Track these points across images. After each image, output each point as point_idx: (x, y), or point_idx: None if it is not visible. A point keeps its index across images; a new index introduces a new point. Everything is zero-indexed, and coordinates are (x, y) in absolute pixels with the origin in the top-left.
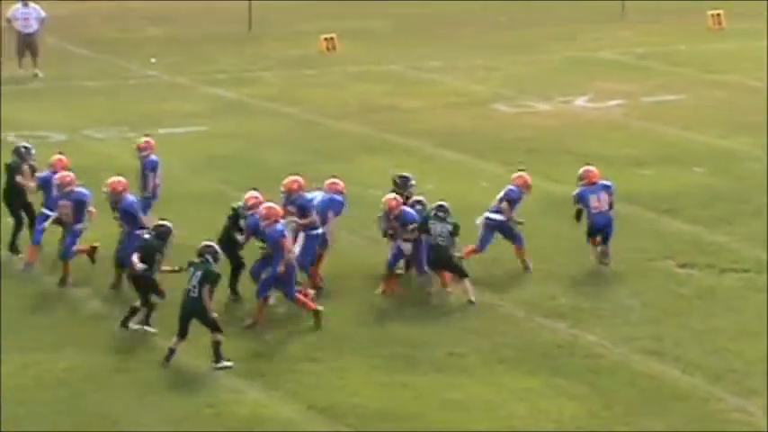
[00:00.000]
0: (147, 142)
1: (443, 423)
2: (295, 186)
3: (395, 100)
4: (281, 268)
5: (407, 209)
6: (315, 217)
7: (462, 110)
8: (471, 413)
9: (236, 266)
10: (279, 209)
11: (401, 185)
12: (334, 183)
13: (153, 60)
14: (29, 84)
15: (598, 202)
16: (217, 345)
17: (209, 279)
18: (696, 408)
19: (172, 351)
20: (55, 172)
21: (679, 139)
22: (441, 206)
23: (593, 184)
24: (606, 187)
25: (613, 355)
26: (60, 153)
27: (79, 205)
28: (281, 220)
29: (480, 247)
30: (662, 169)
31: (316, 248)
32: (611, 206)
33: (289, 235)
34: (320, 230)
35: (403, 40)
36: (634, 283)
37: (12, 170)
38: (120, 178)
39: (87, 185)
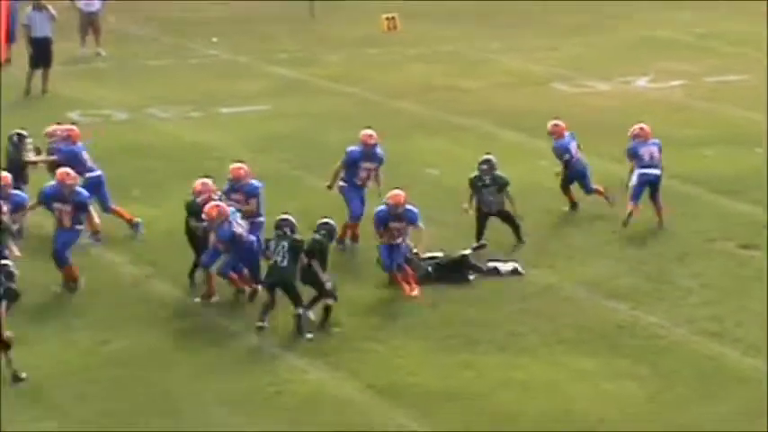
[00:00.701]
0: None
1: (504, 403)
2: (241, 173)
3: (454, 80)
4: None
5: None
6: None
7: (521, 90)
8: (532, 393)
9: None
10: (225, 207)
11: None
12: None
13: (214, 40)
14: (91, 63)
15: (650, 156)
16: (327, 310)
17: (297, 248)
18: (757, 390)
19: (264, 318)
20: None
21: (741, 120)
22: (284, 220)
23: (646, 139)
24: (656, 143)
25: (674, 336)
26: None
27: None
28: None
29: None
30: (723, 150)
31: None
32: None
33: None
34: (263, 219)
35: (463, 20)
36: (694, 265)
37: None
38: (242, 165)
39: (151, 164)
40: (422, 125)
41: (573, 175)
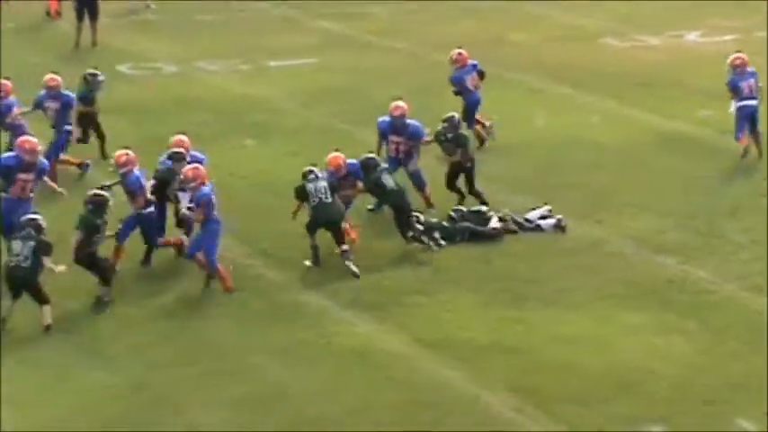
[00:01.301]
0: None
1: (553, 357)
2: (185, 146)
3: (503, 34)
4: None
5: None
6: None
7: (571, 44)
8: (581, 348)
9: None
10: (203, 170)
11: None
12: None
13: None
14: (141, 15)
15: (749, 89)
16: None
17: (335, 187)
18: None
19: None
20: None
21: None
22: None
23: (744, 70)
24: (754, 74)
25: (724, 291)
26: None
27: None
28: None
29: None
30: None
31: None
32: (758, 92)
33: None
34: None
35: None
36: (746, 219)
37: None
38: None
39: (200, 117)
40: None
41: (741, 117)
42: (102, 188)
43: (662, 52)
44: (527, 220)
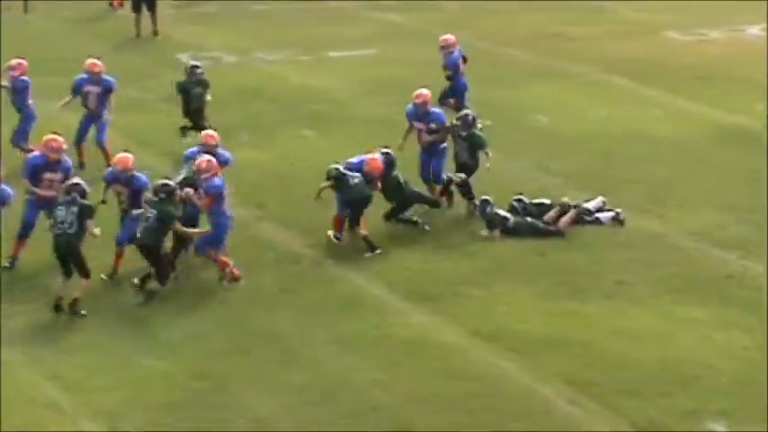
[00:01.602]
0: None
1: (612, 351)
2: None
3: (565, 27)
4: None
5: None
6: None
7: (632, 37)
8: (640, 342)
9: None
10: (216, 163)
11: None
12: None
13: None
14: (201, 6)
15: None
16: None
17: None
18: None
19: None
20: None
21: None
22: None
23: None
24: None
25: None
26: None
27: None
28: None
29: None
30: None
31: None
32: None
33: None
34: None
35: None
36: None
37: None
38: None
39: (259, 108)
40: (532, 72)
41: (456, 90)
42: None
43: (723, 46)
44: (588, 210)
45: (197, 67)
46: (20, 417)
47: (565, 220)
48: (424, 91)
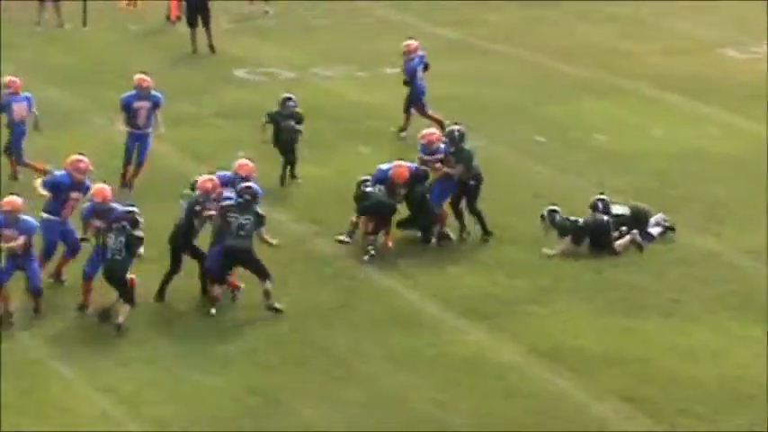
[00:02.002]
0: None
1: (669, 368)
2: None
3: (620, 43)
4: None
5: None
6: None
7: (689, 54)
8: (697, 359)
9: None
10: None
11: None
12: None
13: None
14: (258, 21)
15: None
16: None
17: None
18: None
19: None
20: None
21: None
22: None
23: None
24: None
25: None
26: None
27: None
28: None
29: None
30: None
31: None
32: None
33: None
34: None
35: None
36: None
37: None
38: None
39: (317, 124)
40: (587, 88)
41: (414, 95)
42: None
43: None
44: (650, 236)
45: (290, 99)
46: (72, 429)
47: (622, 243)
48: (431, 130)
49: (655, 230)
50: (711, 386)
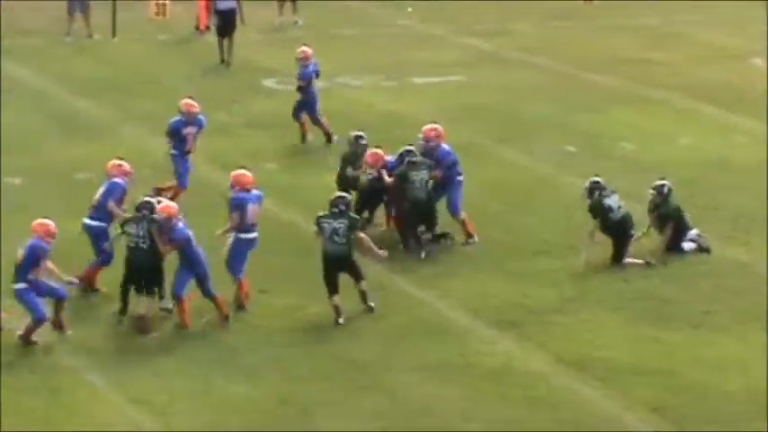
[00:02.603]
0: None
1: (697, 380)
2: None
3: (648, 53)
4: None
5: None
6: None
7: (718, 64)
8: (725, 371)
9: None
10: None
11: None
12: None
13: (409, 10)
14: (288, 31)
15: None
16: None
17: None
18: None
19: None
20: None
21: None
22: None
23: None
24: None
25: None
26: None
27: None
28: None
29: None
30: None
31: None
32: None
33: None
34: None
35: None
36: None
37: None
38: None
39: (343, 133)
40: (616, 98)
41: (304, 102)
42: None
43: None
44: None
45: (361, 137)
46: None
47: (631, 261)
48: (433, 125)
49: (687, 246)
50: (739, 398)
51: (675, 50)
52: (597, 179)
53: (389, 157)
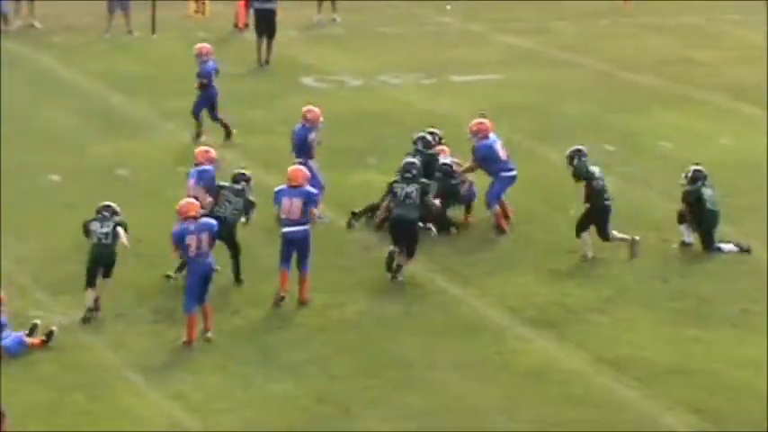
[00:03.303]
0: None
1: (736, 380)
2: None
3: (690, 52)
4: None
5: None
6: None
7: (758, 63)
8: (764, 371)
9: None
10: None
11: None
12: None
13: (448, 8)
14: (326, 29)
15: None
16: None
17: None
18: None
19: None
20: None
21: None
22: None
23: None
24: None
25: None
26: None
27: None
28: None
29: None
30: None
31: None
32: None
33: None
34: None
35: None
36: None
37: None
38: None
39: (384, 131)
40: (656, 98)
41: (205, 98)
42: None
43: None
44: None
45: (428, 135)
46: None
47: (619, 236)
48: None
49: (726, 247)
50: None
51: (718, 50)
52: (699, 167)
53: None
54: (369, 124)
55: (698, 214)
